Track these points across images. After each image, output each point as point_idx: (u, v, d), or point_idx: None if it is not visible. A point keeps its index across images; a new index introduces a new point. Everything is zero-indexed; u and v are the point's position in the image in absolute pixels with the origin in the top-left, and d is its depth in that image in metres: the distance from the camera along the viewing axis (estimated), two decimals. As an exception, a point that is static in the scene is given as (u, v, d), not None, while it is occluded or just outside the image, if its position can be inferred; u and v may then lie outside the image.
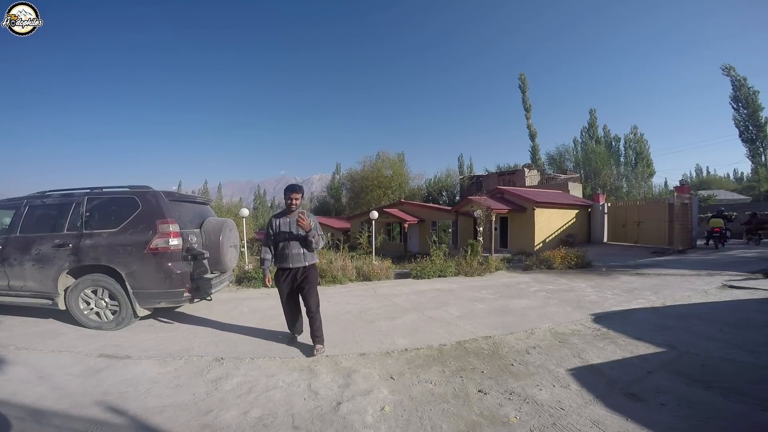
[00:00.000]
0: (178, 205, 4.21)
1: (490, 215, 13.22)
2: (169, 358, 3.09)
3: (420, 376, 2.70)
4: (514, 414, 2.15)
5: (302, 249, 3.16)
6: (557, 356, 3.05)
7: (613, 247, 13.42)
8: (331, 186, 46.13)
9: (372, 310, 4.74)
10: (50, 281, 3.88)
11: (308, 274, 3.20)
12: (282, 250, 3.18)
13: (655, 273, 7.47)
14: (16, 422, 2.10)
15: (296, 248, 3.15)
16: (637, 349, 3.17)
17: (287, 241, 3.15)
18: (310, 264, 3.23)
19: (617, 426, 2.00)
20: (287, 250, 3.15)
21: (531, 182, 24.93)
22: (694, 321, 3.97)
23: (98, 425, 2.07)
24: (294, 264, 3.15)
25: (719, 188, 33.92)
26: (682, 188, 12.75)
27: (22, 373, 2.79)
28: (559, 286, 6.34)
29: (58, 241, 3.88)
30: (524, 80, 37.84)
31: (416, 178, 34.33)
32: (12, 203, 4.38)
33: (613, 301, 5.08)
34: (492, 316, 4.37)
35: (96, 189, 4.18)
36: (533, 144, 36.90)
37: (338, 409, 2.23)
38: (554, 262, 8.60)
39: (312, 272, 3.23)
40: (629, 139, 35.68)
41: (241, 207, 13.52)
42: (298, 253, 3.16)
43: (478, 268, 7.88)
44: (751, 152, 29.32)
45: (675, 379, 2.57)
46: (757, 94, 28.46)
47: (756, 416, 2.07)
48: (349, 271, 7.15)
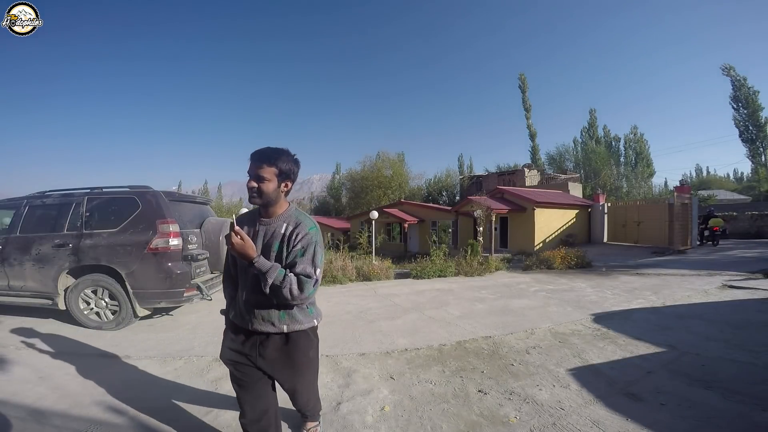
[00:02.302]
0: (178, 205, 4.21)
1: (490, 215, 13.22)
2: (169, 358, 3.09)
3: (420, 376, 2.70)
4: (514, 414, 2.15)
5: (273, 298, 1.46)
6: (557, 356, 3.04)
7: (613, 247, 13.42)
8: (331, 186, 46.13)
9: (372, 310, 4.74)
10: (50, 281, 3.88)
11: (291, 350, 1.60)
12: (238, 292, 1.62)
13: (655, 273, 7.47)
14: (16, 422, 2.10)
15: (256, 294, 1.50)
16: (637, 349, 3.17)
17: (244, 276, 1.57)
18: (296, 330, 1.58)
19: (617, 426, 2.00)
20: (242, 294, 1.59)
21: (531, 182, 24.92)
22: (694, 321, 3.97)
23: (98, 425, 2.08)
24: (256, 325, 1.55)
25: (719, 188, 33.96)
26: (682, 188, 12.76)
27: (22, 373, 2.79)
28: (559, 286, 6.34)
29: (58, 241, 3.88)
30: (524, 80, 37.86)
31: (416, 178, 34.40)
32: (12, 203, 4.39)
33: (613, 301, 5.08)
34: (492, 316, 4.37)
35: (96, 189, 4.18)
36: (533, 144, 36.92)
37: (338, 409, 2.23)
38: (554, 262, 8.60)
39: (300, 345, 1.61)
40: (629, 139, 35.70)
41: (241, 207, 13.52)
42: (260, 305, 1.53)
43: (478, 268, 7.88)
44: (751, 152, 29.33)
45: (675, 379, 2.57)
46: (757, 94, 28.47)
47: (756, 416, 2.07)
48: (349, 271, 7.16)
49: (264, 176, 1.48)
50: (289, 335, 1.59)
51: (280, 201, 1.56)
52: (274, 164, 1.49)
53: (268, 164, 1.48)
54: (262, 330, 1.55)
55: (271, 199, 1.52)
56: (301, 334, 1.61)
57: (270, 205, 1.54)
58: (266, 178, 1.48)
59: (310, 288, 1.45)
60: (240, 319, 1.61)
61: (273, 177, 1.50)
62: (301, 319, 1.59)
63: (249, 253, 1.41)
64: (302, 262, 1.46)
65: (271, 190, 1.50)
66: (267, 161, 1.48)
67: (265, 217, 1.58)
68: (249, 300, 1.55)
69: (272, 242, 1.53)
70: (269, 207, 1.55)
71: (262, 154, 1.50)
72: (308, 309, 1.63)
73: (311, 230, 1.52)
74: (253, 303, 1.54)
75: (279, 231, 1.53)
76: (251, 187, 1.50)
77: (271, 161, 1.49)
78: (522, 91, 37.64)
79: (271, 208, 1.56)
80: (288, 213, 1.58)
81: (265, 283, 1.40)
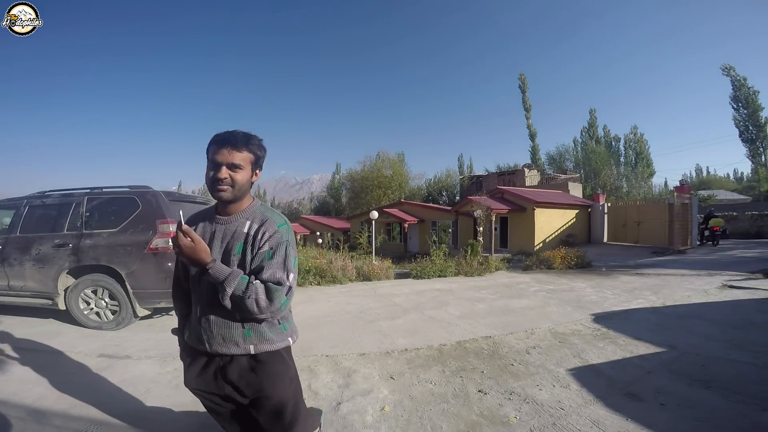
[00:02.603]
0: (178, 205, 4.21)
1: (490, 215, 13.23)
2: (169, 358, 3.08)
3: (420, 376, 2.70)
4: (514, 414, 2.15)
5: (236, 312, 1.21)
6: (557, 356, 3.04)
7: (613, 247, 13.42)
8: (331, 186, 46.20)
9: (372, 310, 4.74)
10: (50, 281, 3.88)
11: (263, 377, 1.29)
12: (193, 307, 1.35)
13: (655, 273, 7.47)
14: (16, 422, 2.10)
15: (214, 308, 1.25)
16: (637, 349, 3.17)
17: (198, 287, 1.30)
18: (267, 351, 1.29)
19: (617, 426, 2.00)
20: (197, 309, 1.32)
21: (531, 182, 24.94)
22: (694, 321, 3.97)
23: (98, 425, 2.07)
24: (215, 346, 1.27)
25: (719, 188, 33.99)
26: (682, 188, 12.78)
27: (22, 373, 2.78)
28: (559, 286, 6.34)
29: (58, 241, 3.89)
30: (524, 80, 37.92)
31: (416, 178, 34.48)
32: (12, 203, 4.39)
33: (613, 301, 5.08)
34: (492, 316, 4.37)
35: (96, 189, 4.19)
36: (533, 144, 36.97)
37: (338, 409, 2.23)
38: (554, 262, 8.60)
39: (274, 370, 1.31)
40: (629, 139, 35.76)
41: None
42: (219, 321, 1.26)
43: (478, 268, 7.89)
44: (751, 152, 29.36)
45: (675, 379, 2.57)
46: (757, 94, 28.51)
47: (756, 416, 2.07)
48: (349, 271, 7.16)
49: (239, 164, 1.23)
50: (258, 357, 1.28)
51: (248, 195, 1.33)
52: (249, 149, 1.25)
53: (242, 149, 1.23)
54: (223, 352, 1.27)
55: (244, 192, 1.28)
56: (274, 356, 1.31)
57: (239, 199, 1.29)
58: (241, 166, 1.23)
59: (282, 297, 1.18)
60: (196, 340, 1.32)
61: (248, 164, 1.26)
62: (272, 337, 1.30)
63: (201, 257, 1.16)
64: (271, 266, 1.20)
65: (245, 180, 1.26)
66: (242, 145, 1.23)
67: (224, 214, 1.31)
68: (206, 316, 1.27)
69: (233, 244, 1.26)
70: (235, 202, 1.29)
71: (234, 137, 1.23)
72: (281, 324, 1.33)
73: (281, 227, 1.26)
74: (211, 319, 1.27)
75: (241, 230, 1.26)
76: (222, 177, 1.21)
77: (246, 145, 1.24)
78: (522, 91, 37.72)
79: (233, 204, 1.29)
80: (252, 209, 1.31)
81: (224, 294, 1.14)
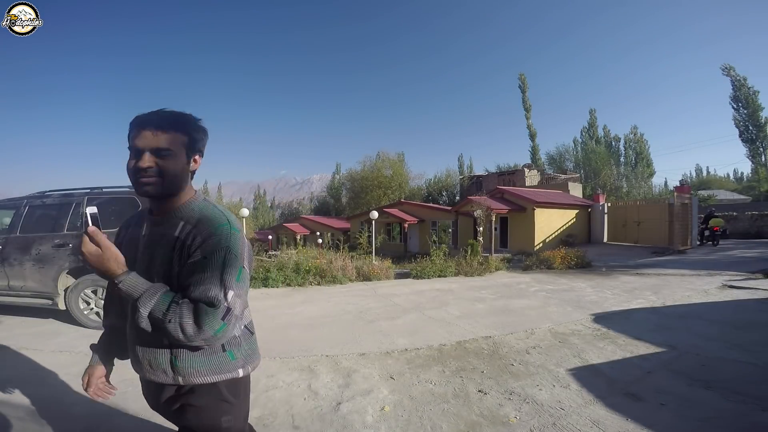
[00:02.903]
0: None
1: (490, 215, 13.23)
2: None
3: (420, 376, 2.70)
4: (514, 414, 2.15)
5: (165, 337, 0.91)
6: (557, 356, 3.04)
7: (613, 247, 13.43)
8: (331, 186, 46.20)
9: (372, 310, 4.74)
10: (50, 281, 3.88)
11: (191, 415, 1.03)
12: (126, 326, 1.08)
13: (655, 273, 7.47)
14: (16, 422, 2.10)
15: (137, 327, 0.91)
16: (637, 349, 3.17)
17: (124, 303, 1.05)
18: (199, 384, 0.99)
19: (617, 426, 2.00)
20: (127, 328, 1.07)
21: (531, 182, 24.94)
22: (694, 321, 3.97)
23: (98, 425, 2.08)
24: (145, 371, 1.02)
25: (719, 188, 33.98)
26: (682, 188, 12.79)
27: (22, 373, 2.78)
28: (559, 286, 6.34)
29: (58, 241, 3.88)
30: (524, 80, 37.91)
31: (416, 178, 34.45)
32: (12, 203, 4.39)
33: (613, 301, 5.08)
34: (492, 316, 4.37)
35: (96, 189, 4.19)
36: (533, 144, 36.97)
37: (338, 409, 2.23)
38: (554, 262, 8.61)
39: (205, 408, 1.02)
40: (629, 139, 35.73)
41: (241, 207, 13.55)
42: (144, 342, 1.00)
43: (478, 268, 7.89)
44: (751, 152, 29.35)
45: (675, 379, 2.57)
46: (757, 94, 28.50)
47: (756, 416, 2.07)
48: (349, 270, 7.16)
49: (167, 147, 0.93)
50: (193, 389, 1.01)
51: (186, 187, 1.02)
52: (181, 130, 0.96)
53: (171, 130, 0.94)
54: (152, 378, 1.01)
55: (177, 184, 0.98)
56: (210, 390, 1.01)
57: (172, 193, 0.99)
58: (170, 151, 0.94)
59: (216, 322, 0.86)
60: (132, 361, 1.08)
61: (180, 148, 0.96)
62: (208, 368, 0.99)
63: (110, 267, 0.89)
64: (203, 281, 0.88)
65: (178, 168, 0.96)
66: (170, 125, 0.95)
67: (158, 214, 1.02)
68: (132, 336, 1.03)
69: (160, 251, 0.97)
70: (168, 198, 0.99)
71: (160, 116, 0.95)
72: (226, 352, 1.01)
73: (220, 229, 0.93)
74: (137, 342, 1.01)
75: (171, 233, 0.96)
76: (144, 167, 0.92)
77: (177, 126, 0.96)
78: (522, 91, 37.71)
79: (170, 200, 1.00)
80: (188, 206, 1.00)
81: (139, 316, 0.87)
